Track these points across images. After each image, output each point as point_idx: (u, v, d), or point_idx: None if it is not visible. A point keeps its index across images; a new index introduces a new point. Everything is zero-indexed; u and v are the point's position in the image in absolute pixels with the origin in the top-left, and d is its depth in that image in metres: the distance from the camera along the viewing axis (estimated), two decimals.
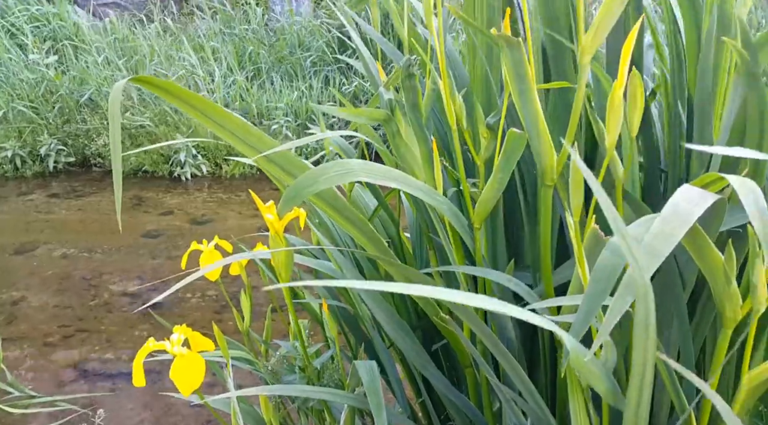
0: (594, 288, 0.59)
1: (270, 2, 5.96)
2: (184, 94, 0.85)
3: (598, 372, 0.63)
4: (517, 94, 0.75)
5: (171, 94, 0.86)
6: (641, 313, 0.55)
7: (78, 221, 3.94)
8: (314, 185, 0.80)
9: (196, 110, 0.86)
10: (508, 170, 0.84)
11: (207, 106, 0.86)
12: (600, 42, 0.68)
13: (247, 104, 4.71)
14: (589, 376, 0.63)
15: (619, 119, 0.69)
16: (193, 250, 1.33)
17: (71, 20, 4.93)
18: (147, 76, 0.87)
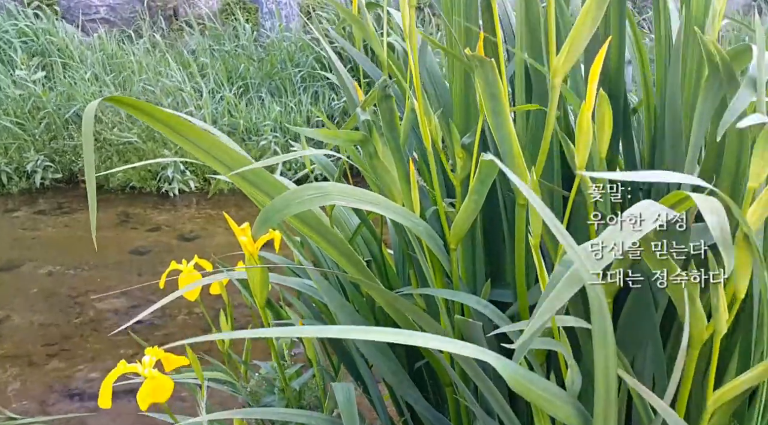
0: (545, 308, 0.59)
1: (260, 18, 5.99)
2: (157, 113, 0.86)
3: (544, 394, 0.63)
4: (490, 115, 0.76)
5: (144, 113, 0.87)
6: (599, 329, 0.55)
7: (64, 238, 3.91)
8: (288, 209, 0.80)
9: (169, 128, 0.86)
10: (483, 192, 0.84)
11: (180, 124, 0.86)
12: (571, 64, 0.69)
13: (236, 120, 4.72)
14: (536, 399, 0.63)
15: (587, 141, 0.70)
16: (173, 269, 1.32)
17: (60, 36, 4.93)
18: (120, 96, 0.87)
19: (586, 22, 0.63)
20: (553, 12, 0.67)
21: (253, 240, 0.88)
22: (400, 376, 1.08)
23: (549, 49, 0.67)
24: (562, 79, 0.67)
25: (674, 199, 0.67)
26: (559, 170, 0.97)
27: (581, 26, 0.64)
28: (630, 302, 0.84)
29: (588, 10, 0.62)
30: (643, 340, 0.87)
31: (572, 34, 0.64)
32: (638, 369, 0.94)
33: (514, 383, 0.66)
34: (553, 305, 0.60)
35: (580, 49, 0.65)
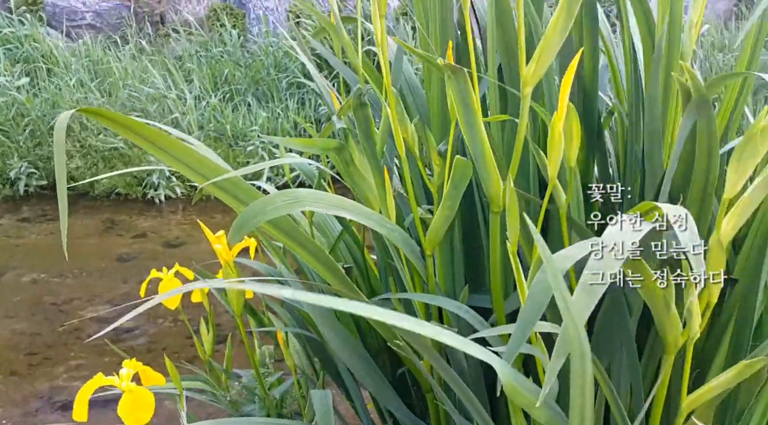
0: (526, 316, 0.59)
1: (247, 24, 5.99)
2: (131, 124, 0.85)
3: (533, 399, 0.63)
4: (463, 123, 0.76)
5: (119, 124, 0.86)
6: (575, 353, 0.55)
7: (49, 245, 3.88)
8: (261, 216, 0.80)
9: (143, 138, 0.86)
10: (457, 197, 0.84)
11: (154, 134, 0.86)
12: (541, 74, 0.69)
13: (222, 126, 4.70)
14: (526, 404, 0.63)
15: (559, 153, 0.70)
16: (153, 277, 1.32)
17: (45, 42, 4.90)
18: (93, 107, 0.87)
19: (554, 33, 0.63)
20: (522, 22, 0.68)
21: (229, 248, 0.88)
22: (381, 384, 1.07)
23: (519, 60, 0.67)
24: (532, 90, 0.67)
25: (645, 208, 0.67)
26: (535, 176, 0.97)
27: (550, 37, 0.64)
28: (604, 308, 0.85)
29: (556, 21, 0.63)
30: (618, 346, 0.87)
31: (541, 45, 0.65)
32: (615, 373, 0.95)
33: (510, 388, 0.66)
34: (532, 318, 0.60)
35: (550, 59, 0.66)
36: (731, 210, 0.61)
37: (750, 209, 0.62)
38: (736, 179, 0.60)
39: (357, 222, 1.42)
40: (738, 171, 0.59)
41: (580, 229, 0.85)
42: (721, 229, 0.61)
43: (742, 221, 0.62)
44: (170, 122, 4.66)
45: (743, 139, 0.59)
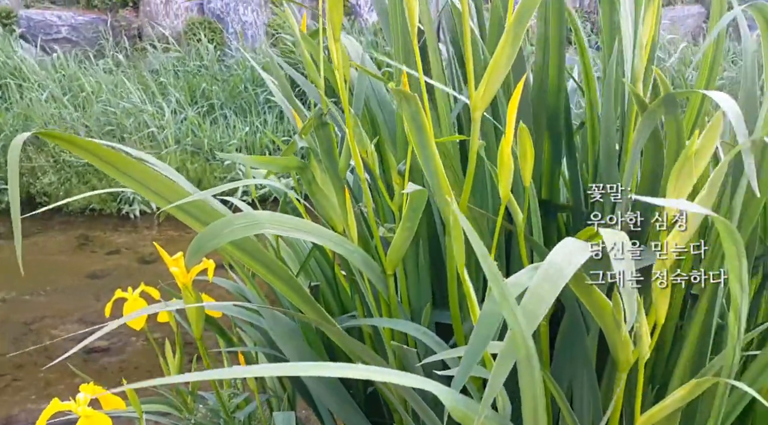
0: (475, 341, 0.59)
1: (225, 38, 5.98)
2: (87, 145, 0.84)
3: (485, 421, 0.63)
4: (417, 145, 0.77)
5: (75, 146, 0.86)
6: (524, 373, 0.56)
7: None
8: (219, 238, 0.79)
9: (100, 160, 0.85)
10: (416, 218, 0.85)
11: (111, 156, 0.85)
12: (490, 98, 0.70)
13: (200, 140, 4.68)
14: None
15: (509, 173, 0.71)
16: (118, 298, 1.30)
17: (17, 56, 4.84)
18: (51, 130, 0.86)
19: (501, 59, 0.64)
20: (469, 49, 0.69)
21: (187, 270, 0.87)
22: (347, 407, 1.06)
23: (468, 85, 0.68)
24: (481, 113, 0.68)
25: (587, 234, 0.68)
26: (491, 195, 0.98)
27: (497, 63, 0.65)
28: (563, 329, 0.85)
29: (503, 47, 0.64)
30: (578, 364, 0.88)
31: (488, 70, 0.66)
32: (577, 391, 0.95)
33: (455, 411, 0.66)
34: (481, 344, 0.60)
35: (498, 84, 0.67)
36: (673, 230, 0.63)
37: (693, 228, 0.63)
38: (675, 198, 0.61)
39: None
40: (676, 192, 0.61)
41: (537, 247, 0.86)
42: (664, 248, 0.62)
43: (686, 241, 0.63)
44: (146, 136, 4.63)
45: (679, 161, 0.60)
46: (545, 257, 0.81)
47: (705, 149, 0.60)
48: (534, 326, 0.55)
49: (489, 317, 0.60)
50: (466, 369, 0.60)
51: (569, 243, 0.66)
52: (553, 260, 0.62)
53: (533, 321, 0.55)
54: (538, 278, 0.60)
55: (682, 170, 0.59)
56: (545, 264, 0.61)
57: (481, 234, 0.94)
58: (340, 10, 0.74)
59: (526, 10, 0.63)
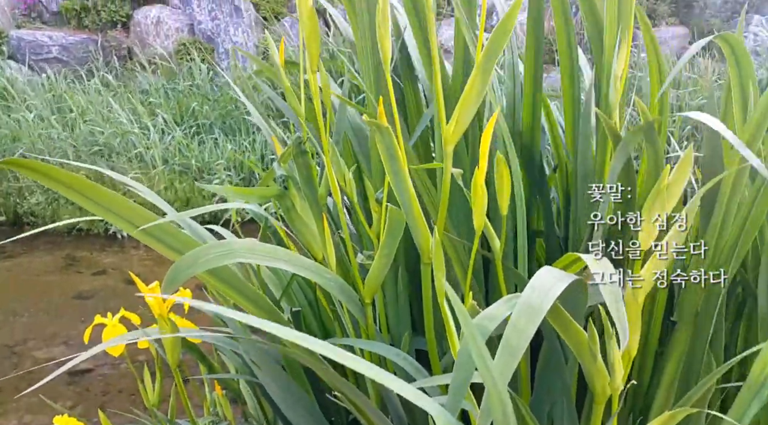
0: (458, 377, 0.59)
1: (216, 58, 6.01)
2: (50, 172, 0.84)
3: None
4: (391, 175, 0.77)
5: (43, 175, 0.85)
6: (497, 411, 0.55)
7: (5, 283, 3.77)
8: (193, 267, 0.79)
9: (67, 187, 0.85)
10: (393, 245, 0.85)
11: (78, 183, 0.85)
12: (461, 133, 0.71)
13: (188, 160, 4.67)
14: None
15: (483, 203, 0.71)
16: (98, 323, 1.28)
17: (5, 76, 4.84)
18: (19, 159, 0.85)
19: (471, 95, 0.65)
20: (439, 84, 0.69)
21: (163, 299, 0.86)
22: None
23: (440, 118, 0.68)
24: (453, 147, 0.68)
25: (567, 260, 0.68)
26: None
27: (467, 98, 0.66)
28: (542, 357, 0.85)
29: (473, 83, 0.64)
30: (556, 395, 0.87)
31: (459, 105, 0.66)
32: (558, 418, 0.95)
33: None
34: (462, 386, 0.59)
35: (469, 119, 0.67)
36: (649, 261, 0.63)
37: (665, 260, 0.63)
38: (650, 231, 0.61)
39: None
40: (650, 223, 0.61)
41: (515, 274, 0.86)
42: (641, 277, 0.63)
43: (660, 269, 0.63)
44: (134, 156, 4.62)
45: (651, 194, 0.61)
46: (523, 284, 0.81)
47: (678, 181, 0.60)
48: (513, 365, 0.55)
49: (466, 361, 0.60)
50: (453, 406, 0.59)
51: (547, 274, 0.65)
52: (530, 293, 0.62)
53: (513, 358, 0.55)
54: (517, 313, 0.60)
55: (654, 203, 0.60)
56: (523, 298, 0.61)
57: (459, 261, 0.94)
58: (318, 42, 0.75)
59: (495, 46, 0.64)
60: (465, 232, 0.97)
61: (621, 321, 0.61)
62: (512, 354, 0.57)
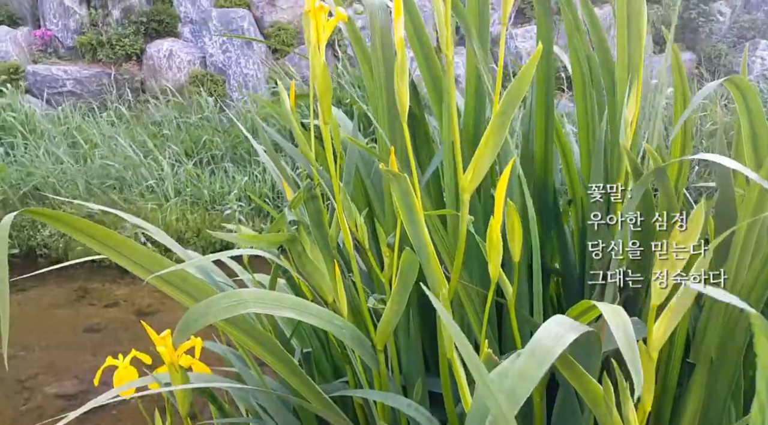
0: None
1: (227, 90, 6.10)
2: (63, 218, 0.86)
3: None
4: (407, 223, 0.77)
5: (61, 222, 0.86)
6: None
7: (16, 317, 3.76)
8: (204, 318, 0.79)
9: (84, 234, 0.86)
10: (406, 291, 0.84)
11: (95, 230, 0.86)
12: (478, 182, 0.71)
13: (199, 190, 4.71)
14: None
15: (498, 252, 0.71)
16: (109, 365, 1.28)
17: (22, 111, 4.93)
18: (38, 208, 0.87)
19: (488, 146, 0.65)
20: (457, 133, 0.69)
21: (174, 348, 0.86)
22: None
23: (457, 170, 0.69)
24: (470, 196, 0.68)
25: (581, 308, 0.67)
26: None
27: (484, 150, 0.66)
28: (558, 405, 0.83)
29: (489, 135, 0.65)
30: None
31: (476, 156, 0.66)
32: None
33: None
34: None
35: (485, 169, 0.67)
36: (660, 317, 0.62)
37: (679, 315, 0.62)
38: (659, 289, 0.61)
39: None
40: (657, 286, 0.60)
41: (527, 320, 0.85)
42: (651, 336, 0.62)
43: (672, 327, 0.62)
44: (146, 188, 4.66)
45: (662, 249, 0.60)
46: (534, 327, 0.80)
47: (689, 237, 0.59)
48: (516, 407, 0.54)
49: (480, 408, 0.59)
50: None
51: (557, 322, 0.65)
52: (540, 340, 0.61)
53: (515, 403, 0.54)
54: (524, 358, 0.59)
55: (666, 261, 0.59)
56: (531, 345, 0.60)
57: (473, 305, 0.93)
58: (330, 96, 0.75)
59: (512, 100, 0.64)
60: (478, 275, 0.96)
61: (637, 375, 0.59)
62: (514, 401, 0.56)
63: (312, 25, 0.70)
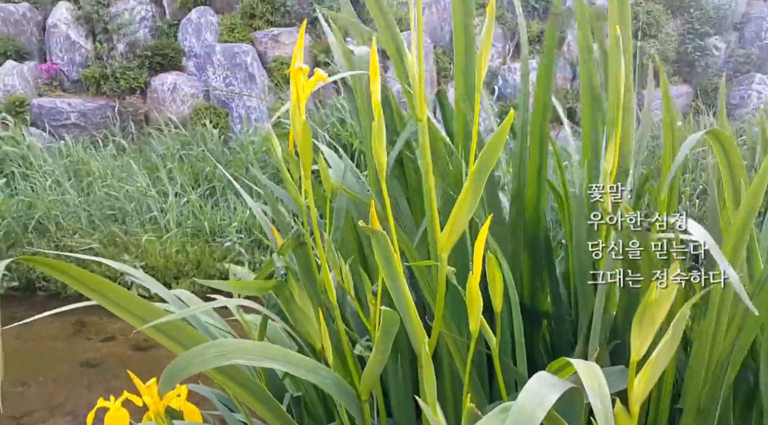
0: None
1: (230, 122, 6.17)
2: (68, 270, 0.87)
3: None
4: (387, 279, 0.78)
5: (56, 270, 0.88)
6: None
7: (14, 350, 3.76)
8: (189, 368, 0.79)
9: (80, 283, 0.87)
10: (389, 342, 0.84)
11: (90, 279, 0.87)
12: (455, 240, 0.72)
13: (200, 222, 4.73)
14: None
15: (479, 306, 0.71)
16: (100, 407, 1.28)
17: (25, 143, 4.99)
18: (32, 256, 0.88)
19: (463, 208, 0.67)
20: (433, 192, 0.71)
21: (160, 397, 0.86)
22: None
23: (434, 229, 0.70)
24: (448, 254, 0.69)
25: (557, 365, 0.68)
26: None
27: (459, 212, 0.67)
28: None
29: (464, 198, 0.66)
30: None
31: (451, 218, 0.68)
32: None
33: None
34: None
35: (462, 228, 0.69)
36: (640, 373, 0.62)
37: (659, 371, 0.62)
38: (639, 344, 0.61)
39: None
40: (640, 337, 0.61)
41: (516, 373, 0.85)
42: (632, 391, 0.62)
43: (653, 383, 0.62)
44: (147, 219, 4.69)
45: (640, 308, 0.61)
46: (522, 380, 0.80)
47: (665, 296, 0.60)
48: None
49: None
50: None
51: (540, 380, 0.65)
52: (523, 405, 0.61)
53: None
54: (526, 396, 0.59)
55: (643, 317, 0.60)
56: (515, 410, 0.60)
57: (460, 354, 0.93)
58: (311, 152, 0.77)
59: (487, 160, 0.65)
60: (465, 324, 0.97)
61: (606, 418, 0.60)
62: None
63: (293, 85, 0.72)
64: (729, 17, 6.63)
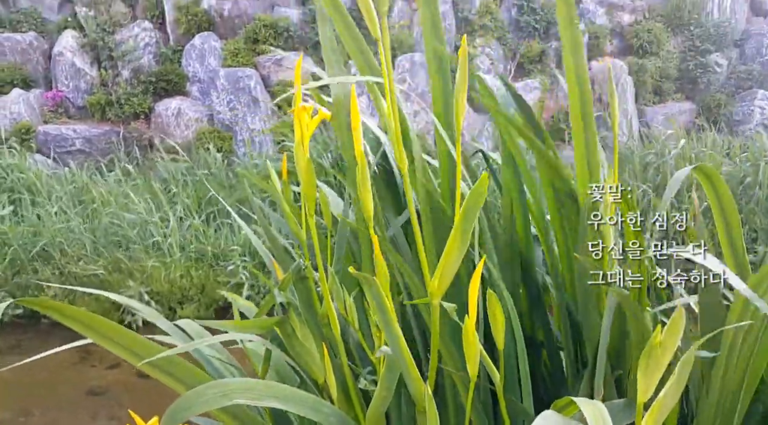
0: None
1: (234, 146, 6.21)
2: (58, 307, 0.87)
3: None
4: (381, 324, 0.77)
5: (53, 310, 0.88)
6: None
7: (18, 379, 3.74)
8: (192, 408, 0.78)
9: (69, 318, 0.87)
10: (393, 379, 0.84)
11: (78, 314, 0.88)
12: (446, 287, 0.72)
13: (204, 246, 4.73)
14: None
15: (476, 351, 0.71)
16: None
17: (30, 171, 5.02)
18: (34, 298, 0.88)
19: (452, 255, 0.66)
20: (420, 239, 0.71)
21: None
22: None
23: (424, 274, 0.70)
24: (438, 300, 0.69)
25: (562, 403, 0.67)
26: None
27: (448, 258, 0.67)
28: None
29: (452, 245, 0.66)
30: None
31: (441, 264, 0.68)
32: None
33: None
34: None
35: (451, 275, 0.68)
36: (647, 415, 0.61)
37: (665, 412, 0.61)
38: (645, 386, 0.60)
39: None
40: (646, 379, 0.60)
41: (521, 410, 0.84)
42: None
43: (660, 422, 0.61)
44: (151, 244, 4.69)
45: (645, 352, 0.60)
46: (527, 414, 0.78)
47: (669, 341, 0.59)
48: None
49: None
50: None
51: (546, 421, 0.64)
52: None
53: None
54: None
55: (648, 361, 0.59)
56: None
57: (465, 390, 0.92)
58: (314, 190, 0.77)
59: (472, 208, 0.65)
60: None
61: None
62: None
63: (296, 124, 0.72)
64: (729, 34, 6.66)
